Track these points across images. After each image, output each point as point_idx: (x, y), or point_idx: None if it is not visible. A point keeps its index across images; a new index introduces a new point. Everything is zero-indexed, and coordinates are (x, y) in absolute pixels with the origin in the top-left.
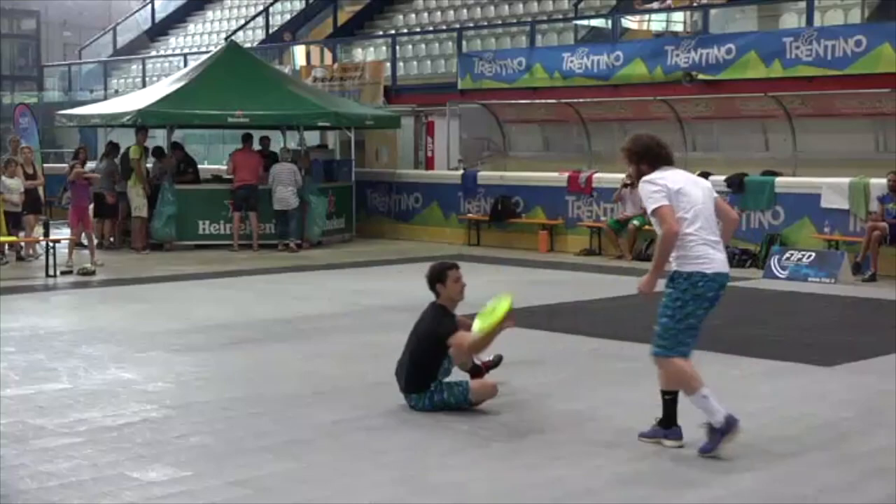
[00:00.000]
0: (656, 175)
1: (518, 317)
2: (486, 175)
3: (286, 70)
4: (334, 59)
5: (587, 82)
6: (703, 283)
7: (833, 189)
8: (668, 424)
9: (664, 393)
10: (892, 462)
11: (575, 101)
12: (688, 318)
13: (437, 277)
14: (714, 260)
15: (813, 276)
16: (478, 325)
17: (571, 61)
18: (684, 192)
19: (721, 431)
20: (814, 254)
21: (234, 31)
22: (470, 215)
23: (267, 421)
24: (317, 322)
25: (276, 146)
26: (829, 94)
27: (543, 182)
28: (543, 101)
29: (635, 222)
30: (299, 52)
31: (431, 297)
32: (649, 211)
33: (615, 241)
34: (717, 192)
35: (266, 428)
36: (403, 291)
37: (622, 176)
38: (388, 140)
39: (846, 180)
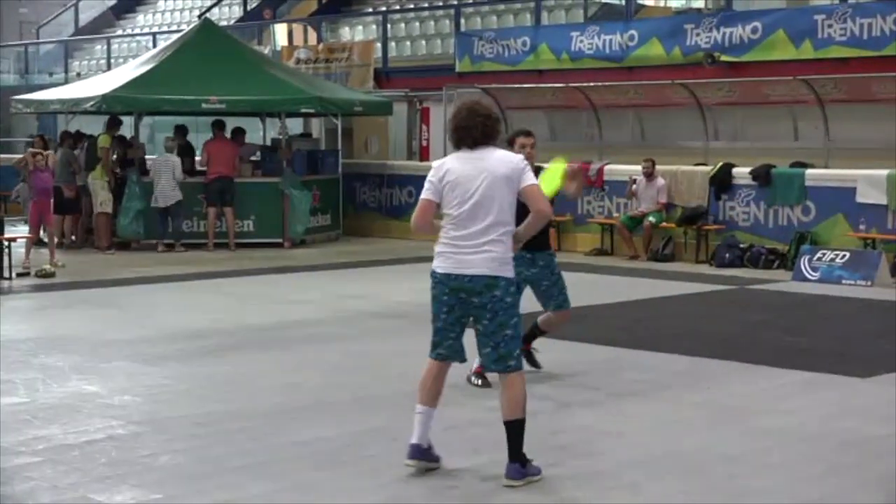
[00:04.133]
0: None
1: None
2: None
3: (266, 51)
4: (319, 39)
5: (598, 64)
6: (434, 284)
7: (869, 182)
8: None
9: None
10: None
11: (584, 84)
12: (434, 319)
13: (508, 141)
14: (451, 259)
15: (847, 278)
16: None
17: (581, 41)
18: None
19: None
20: (848, 254)
21: (209, 9)
22: None
23: (245, 438)
24: (300, 329)
25: (255, 135)
26: (865, 78)
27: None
28: (550, 84)
29: (651, 219)
30: (280, 31)
31: (423, 303)
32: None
33: (629, 239)
34: (741, 184)
35: (244, 446)
36: (393, 295)
37: (637, 168)
38: (379, 128)
39: (884, 172)
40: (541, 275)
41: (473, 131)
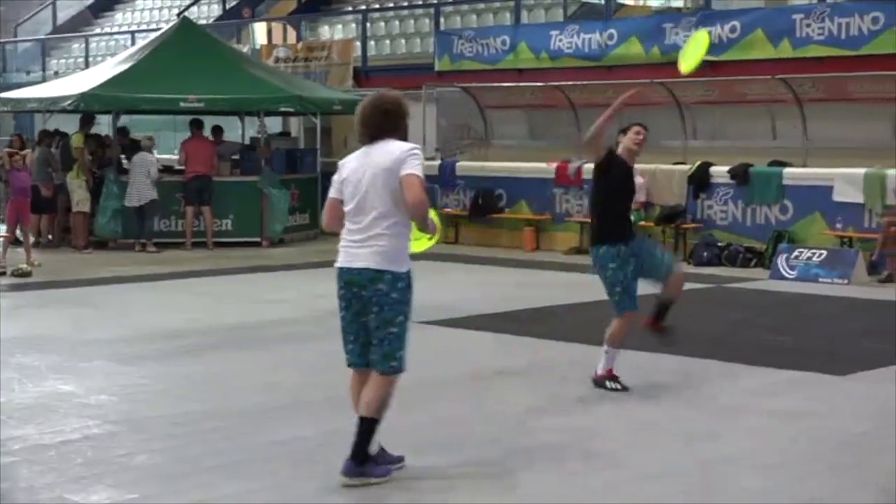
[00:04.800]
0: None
1: (500, 322)
2: (465, 166)
3: (245, 50)
4: (298, 38)
5: (577, 63)
6: (337, 280)
7: (846, 181)
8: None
9: None
10: None
11: (564, 84)
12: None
13: (621, 129)
14: (344, 253)
15: (824, 276)
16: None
17: (560, 40)
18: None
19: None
20: (825, 252)
21: (187, 7)
22: (448, 210)
23: (221, 438)
24: (277, 329)
25: (234, 134)
26: (843, 77)
27: (529, 173)
28: (529, 83)
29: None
30: (259, 29)
31: None
32: None
33: None
34: (720, 183)
35: (220, 445)
36: None
37: None
38: None
39: (861, 171)
40: (638, 262)
41: (370, 128)
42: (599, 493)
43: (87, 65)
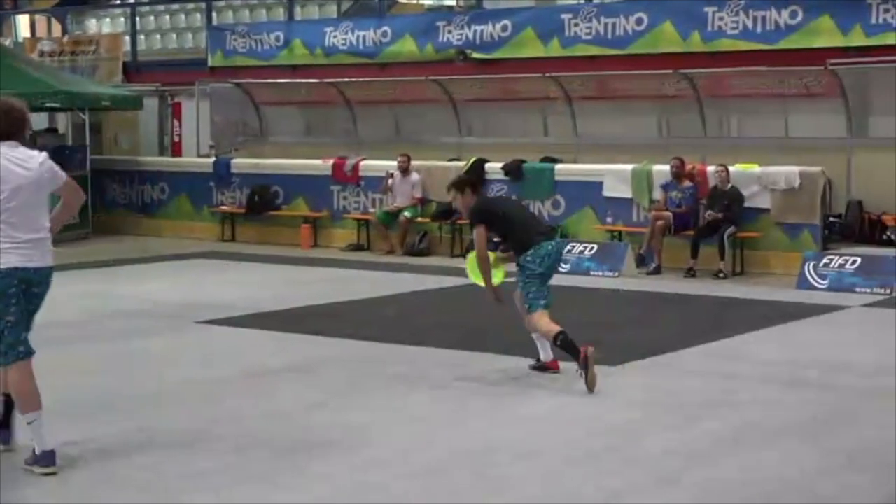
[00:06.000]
0: None
1: (279, 321)
2: (241, 162)
3: (7, 42)
4: (64, 32)
5: (352, 60)
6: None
7: (615, 176)
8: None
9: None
10: (671, 465)
11: (339, 80)
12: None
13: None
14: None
15: (595, 269)
16: None
17: (335, 37)
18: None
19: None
20: (596, 246)
21: None
22: (224, 207)
23: None
24: (43, 332)
25: None
26: (610, 76)
27: (305, 170)
28: (304, 80)
29: (406, 214)
30: (23, 22)
31: (171, 302)
32: None
33: (385, 234)
34: (494, 178)
35: None
36: (142, 294)
37: (392, 163)
38: (129, 123)
39: (629, 167)
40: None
41: None
42: (375, 488)
43: None
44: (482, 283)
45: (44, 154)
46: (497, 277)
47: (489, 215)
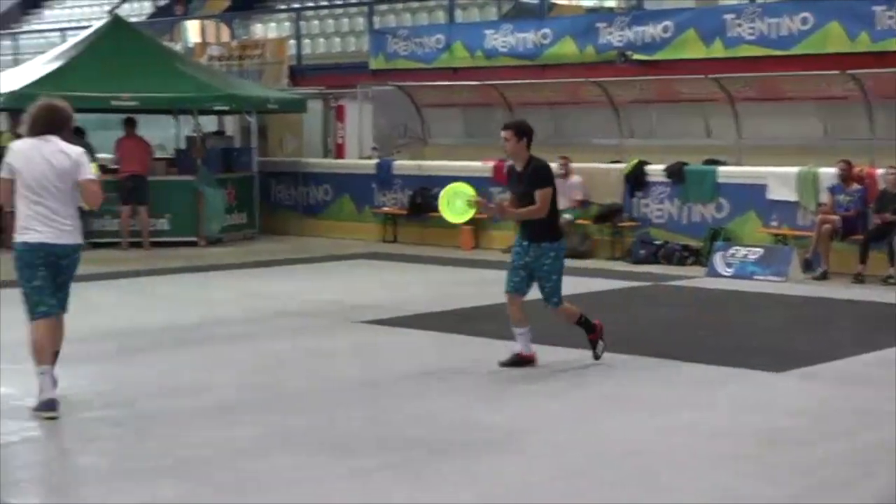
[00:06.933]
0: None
1: (438, 322)
2: (402, 164)
3: (177, 48)
4: (232, 36)
5: (512, 62)
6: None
7: (780, 179)
8: None
9: None
10: (838, 475)
11: (499, 82)
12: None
13: None
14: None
15: (760, 273)
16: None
17: (495, 39)
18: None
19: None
20: (761, 250)
21: (119, 4)
22: (385, 209)
23: (162, 438)
24: (212, 329)
25: (168, 133)
26: (775, 77)
27: (466, 172)
28: (465, 82)
29: (567, 216)
30: (192, 27)
31: (336, 301)
32: None
33: None
34: (655, 181)
35: (161, 446)
36: (305, 294)
37: (552, 166)
38: (294, 126)
39: (794, 170)
40: (534, 264)
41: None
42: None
43: (15, 63)
44: (454, 219)
45: (79, 150)
46: (465, 216)
47: (554, 183)
